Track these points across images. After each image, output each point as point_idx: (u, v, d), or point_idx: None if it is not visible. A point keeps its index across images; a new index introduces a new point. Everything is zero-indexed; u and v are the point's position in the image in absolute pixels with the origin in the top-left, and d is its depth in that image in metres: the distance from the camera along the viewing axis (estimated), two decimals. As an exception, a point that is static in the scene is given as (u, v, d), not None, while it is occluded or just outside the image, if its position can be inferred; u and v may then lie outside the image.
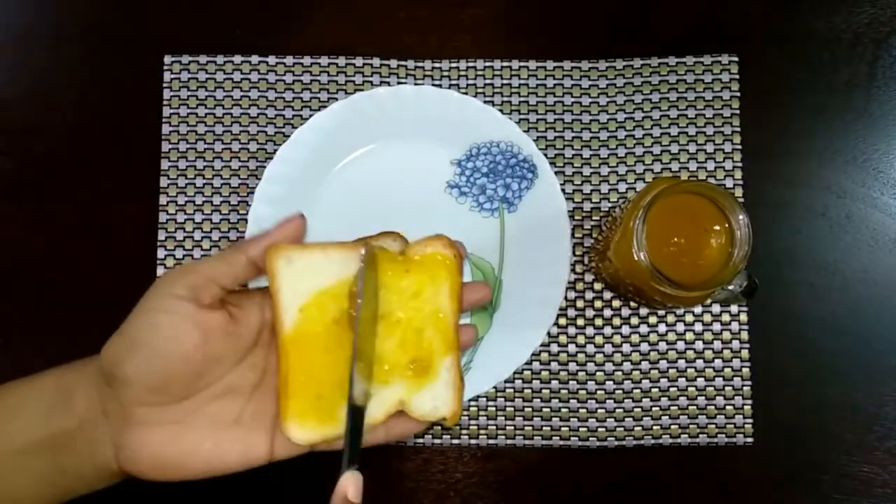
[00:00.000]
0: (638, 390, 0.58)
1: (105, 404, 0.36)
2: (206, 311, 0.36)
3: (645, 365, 0.58)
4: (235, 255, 0.37)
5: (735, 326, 0.58)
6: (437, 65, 0.60)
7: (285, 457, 0.40)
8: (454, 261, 0.40)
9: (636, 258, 0.46)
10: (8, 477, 0.36)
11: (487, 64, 0.60)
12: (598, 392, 0.58)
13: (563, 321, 0.59)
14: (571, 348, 0.58)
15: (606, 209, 0.59)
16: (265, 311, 0.40)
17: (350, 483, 0.36)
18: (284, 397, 0.37)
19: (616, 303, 0.59)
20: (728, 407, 0.57)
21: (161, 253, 0.59)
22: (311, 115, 0.57)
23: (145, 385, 0.35)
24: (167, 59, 0.61)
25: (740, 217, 0.46)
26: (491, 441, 0.58)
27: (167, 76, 0.60)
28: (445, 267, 0.40)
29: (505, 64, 0.60)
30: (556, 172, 0.57)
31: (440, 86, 0.60)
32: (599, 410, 0.58)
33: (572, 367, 0.58)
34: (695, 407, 0.58)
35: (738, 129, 0.60)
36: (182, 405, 0.37)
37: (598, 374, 0.58)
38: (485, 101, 0.58)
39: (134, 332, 0.36)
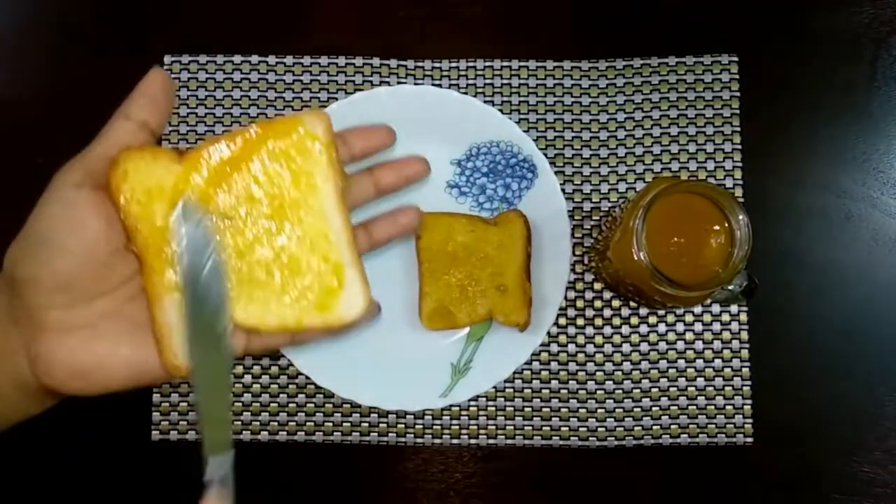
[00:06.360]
0: (638, 390, 0.58)
1: (14, 312, 0.33)
2: (105, 194, 0.34)
3: (645, 365, 0.58)
4: (121, 122, 0.34)
5: (735, 326, 0.58)
6: (437, 65, 0.60)
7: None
8: (524, 223, 0.56)
9: (636, 258, 0.46)
10: None
11: (487, 64, 0.60)
12: (598, 392, 0.58)
13: (563, 321, 0.59)
14: (571, 348, 0.58)
15: (606, 209, 0.59)
16: None
17: None
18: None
19: (616, 303, 0.59)
20: (728, 407, 0.57)
21: (161, 253, 0.59)
22: (311, 115, 0.58)
23: (49, 284, 0.32)
24: (167, 59, 0.61)
25: (740, 217, 0.46)
26: (491, 441, 0.58)
27: (167, 76, 0.60)
28: (518, 226, 0.56)
29: (505, 64, 0.60)
30: (556, 172, 0.57)
31: (440, 86, 0.60)
32: (599, 410, 0.58)
33: (572, 367, 0.58)
34: (695, 407, 0.58)
35: (738, 129, 0.60)
36: (94, 306, 0.33)
37: (597, 374, 0.58)
38: (485, 101, 0.58)
39: (33, 229, 0.33)
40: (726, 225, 0.47)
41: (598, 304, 0.59)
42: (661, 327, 0.58)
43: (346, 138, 0.39)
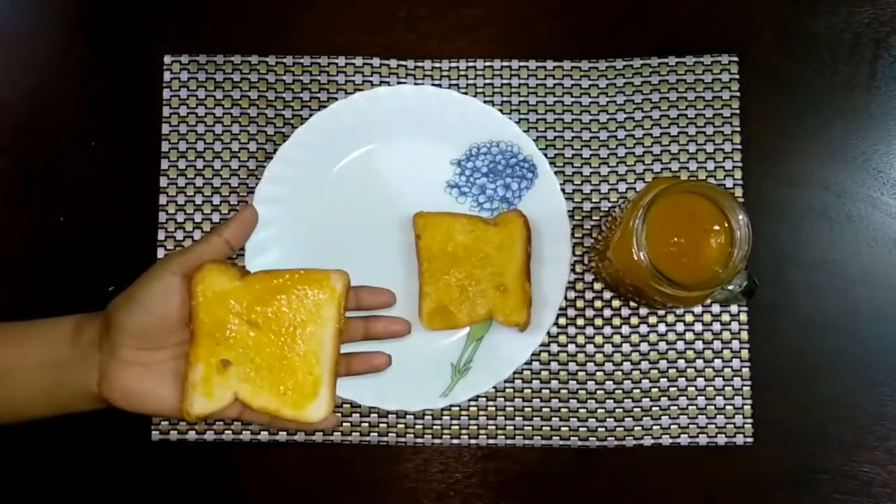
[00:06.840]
0: (638, 390, 0.58)
1: (102, 342, 0.46)
2: (188, 283, 0.46)
3: (645, 365, 0.58)
4: (215, 238, 0.48)
5: (735, 326, 0.58)
6: (437, 65, 0.60)
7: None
8: (524, 223, 0.56)
9: (636, 258, 0.46)
10: (23, 385, 0.46)
11: (487, 64, 0.60)
12: (598, 392, 0.58)
13: (563, 321, 0.59)
14: (571, 348, 0.58)
15: (606, 209, 0.59)
16: None
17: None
18: None
19: (616, 303, 0.59)
20: (728, 407, 0.57)
21: (161, 253, 0.59)
22: (311, 115, 0.58)
23: (132, 330, 0.45)
24: (167, 59, 0.61)
25: (740, 217, 0.46)
26: (491, 441, 0.58)
27: (167, 76, 0.60)
28: (518, 226, 0.56)
29: (505, 64, 0.60)
30: (556, 172, 0.58)
31: (440, 86, 0.60)
32: (599, 410, 0.58)
33: (572, 367, 0.58)
34: (694, 407, 0.58)
35: (738, 129, 0.60)
36: (153, 354, 0.46)
37: (597, 374, 0.58)
38: (485, 101, 0.58)
39: (133, 292, 0.46)
40: (726, 225, 0.47)
41: (598, 304, 0.59)
42: (661, 327, 0.58)
43: (359, 294, 0.50)
